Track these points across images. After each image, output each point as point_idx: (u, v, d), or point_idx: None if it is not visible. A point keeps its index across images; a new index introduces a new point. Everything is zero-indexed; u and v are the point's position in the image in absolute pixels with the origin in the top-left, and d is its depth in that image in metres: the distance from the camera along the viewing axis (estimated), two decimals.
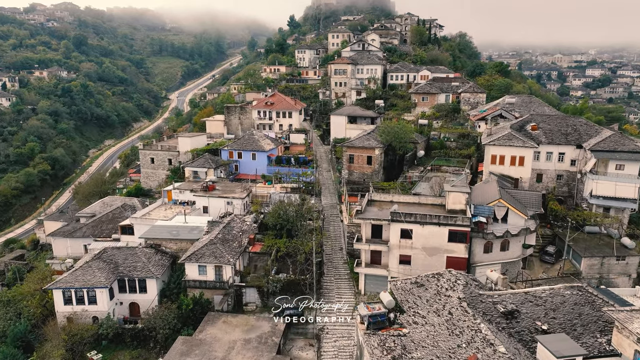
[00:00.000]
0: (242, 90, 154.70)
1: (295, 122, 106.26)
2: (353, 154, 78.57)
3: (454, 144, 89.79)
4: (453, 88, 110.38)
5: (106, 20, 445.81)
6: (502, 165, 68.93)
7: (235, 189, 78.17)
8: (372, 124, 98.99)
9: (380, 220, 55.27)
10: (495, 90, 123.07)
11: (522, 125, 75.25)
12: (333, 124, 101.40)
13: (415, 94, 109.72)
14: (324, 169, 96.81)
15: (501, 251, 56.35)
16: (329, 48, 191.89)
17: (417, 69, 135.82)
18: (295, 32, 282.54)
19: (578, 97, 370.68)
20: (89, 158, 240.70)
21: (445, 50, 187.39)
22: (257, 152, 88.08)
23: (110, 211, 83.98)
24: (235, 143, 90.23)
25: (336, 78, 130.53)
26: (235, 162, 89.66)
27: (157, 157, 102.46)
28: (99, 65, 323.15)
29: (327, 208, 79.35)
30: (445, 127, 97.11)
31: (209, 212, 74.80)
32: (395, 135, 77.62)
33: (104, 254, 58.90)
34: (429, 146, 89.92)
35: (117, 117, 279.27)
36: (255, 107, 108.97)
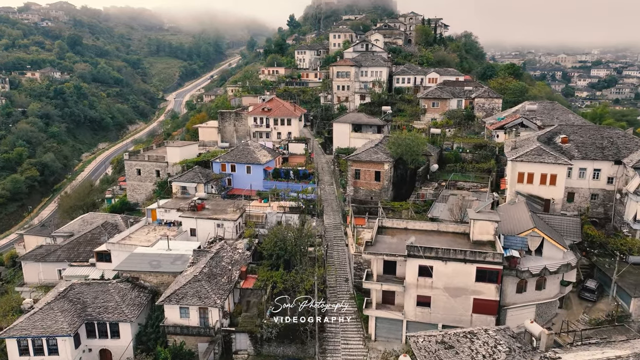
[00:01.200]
0: (238, 93, 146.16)
1: (294, 129, 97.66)
2: (359, 168, 70.03)
3: (470, 156, 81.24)
4: (466, 93, 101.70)
5: (102, 20, 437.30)
6: (530, 184, 60.37)
7: (227, 208, 69.62)
8: (378, 133, 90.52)
9: (395, 256, 46.71)
10: (509, 94, 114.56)
11: (551, 137, 66.75)
12: (336, 133, 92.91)
13: (424, 99, 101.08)
14: (326, 182, 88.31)
15: (536, 290, 47.83)
16: (330, 49, 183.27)
17: (425, 71, 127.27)
18: (295, 32, 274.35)
19: (584, 98, 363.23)
20: (81, 162, 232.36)
21: (452, 51, 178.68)
22: (252, 165, 79.52)
23: (89, 231, 75.51)
24: (228, 155, 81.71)
25: (338, 81, 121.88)
26: (228, 175, 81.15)
27: (144, 168, 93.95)
28: (94, 65, 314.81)
29: (330, 229, 70.85)
30: (459, 136, 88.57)
31: (197, 234, 66.32)
32: (406, 148, 69.07)
33: (70, 291, 50.32)
34: (441, 158, 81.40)
35: (112, 120, 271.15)
36: (251, 114, 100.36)
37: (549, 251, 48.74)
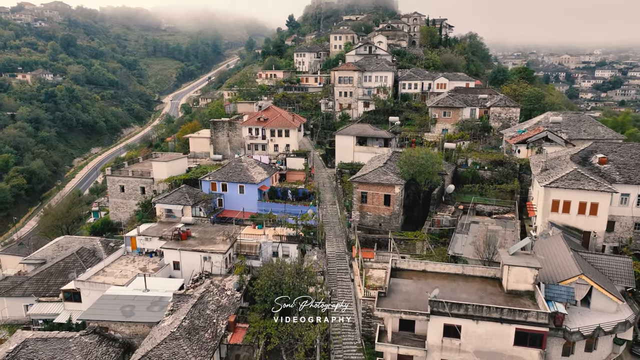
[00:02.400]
0: (234, 99, 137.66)
1: (293, 141, 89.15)
2: (366, 191, 61.61)
3: (489, 174, 72.83)
4: (480, 101, 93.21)
5: (98, 20, 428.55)
6: (566, 214, 51.97)
7: (216, 236, 61.22)
8: (385, 146, 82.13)
9: (415, 314, 38.26)
10: (523, 101, 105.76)
11: (586, 156, 58.40)
12: (338, 146, 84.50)
13: (435, 108, 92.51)
14: (328, 201, 79.81)
15: (586, 352, 39.49)
16: (330, 51, 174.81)
17: (433, 75, 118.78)
18: (294, 33, 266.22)
19: (588, 99, 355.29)
20: (72, 168, 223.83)
21: (459, 53, 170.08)
22: (245, 185, 71.02)
23: (63, 259, 67.26)
24: (219, 172, 73.20)
25: (340, 87, 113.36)
26: (218, 196, 72.65)
27: (127, 184, 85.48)
28: (88, 67, 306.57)
29: (332, 258, 62.33)
30: (474, 150, 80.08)
31: (181, 268, 57.96)
32: (420, 168, 60.62)
33: (23, 350, 41.88)
34: (457, 176, 72.99)
35: (105, 123, 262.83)
36: (246, 124, 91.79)
37: (599, 302, 40.41)
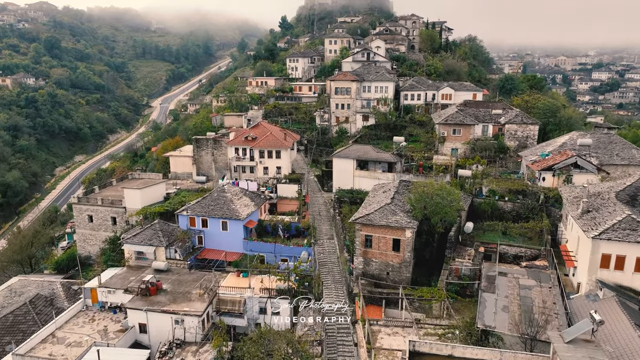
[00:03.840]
0: (221, 109, 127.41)
1: (285, 163, 79.14)
2: (371, 234, 51.78)
3: (509, 205, 63.24)
4: (493, 117, 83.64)
5: (85, 21, 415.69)
6: (619, 272, 42.47)
7: (192, 289, 51.18)
8: (389, 171, 72.38)
9: None
10: (537, 114, 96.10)
11: (634, 194, 48.93)
12: (337, 170, 74.67)
13: (444, 126, 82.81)
14: (324, 233, 70.03)
15: None
16: (325, 55, 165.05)
17: (437, 85, 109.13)
18: (287, 34, 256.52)
19: (586, 102, 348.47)
20: (54, 178, 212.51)
21: (461, 58, 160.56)
22: (229, 221, 60.93)
23: (12, 312, 57.16)
24: (199, 205, 63.06)
25: (337, 99, 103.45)
26: (198, 232, 62.58)
27: (96, 214, 75.13)
28: (73, 70, 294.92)
29: (331, 312, 52.54)
30: (490, 174, 70.36)
31: (149, 333, 47.92)
32: (435, 208, 50.89)
33: None
34: (473, 208, 63.32)
35: (90, 129, 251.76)
36: (232, 143, 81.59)
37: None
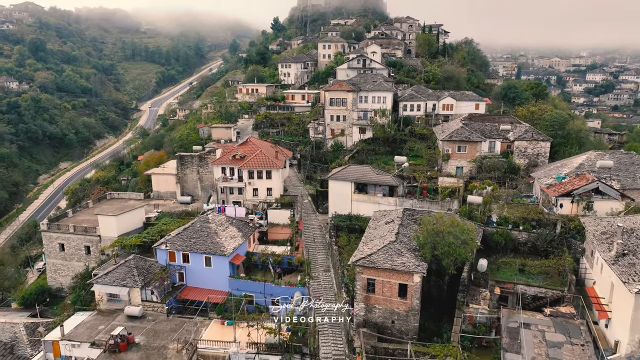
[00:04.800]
0: (209, 118, 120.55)
1: (276, 185, 72.57)
2: (374, 278, 45.41)
3: (524, 236, 57.13)
4: (501, 133, 77.60)
5: (73, 22, 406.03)
6: None
7: (169, 341, 44.59)
8: (390, 195, 66.05)
9: None
10: (543, 126, 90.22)
11: None
12: (333, 193, 68.20)
13: (448, 143, 76.62)
14: (320, 264, 63.49)
15: None
16: (319, 60, 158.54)
17: (438, 95, 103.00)
18: (279, 36, 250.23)
19: (581, 104, 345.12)
20: (37, 187, 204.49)
21: (459, 63, 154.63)
22: (213, 256, 54.37)
23: None
24: (179, 237, 56.38)
25: (332, 110, 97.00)
26: (179, 268, 55.96)
27: (68, 242, 68.26)
28: (59, 73, 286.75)
29: None
30: (500, 198, 64.14)
31: None
32: (448, 248, 44.60)
33: None
34: (484, 239, 57.12)
35: (76, 135, 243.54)
36: (219, 162, 74.82)
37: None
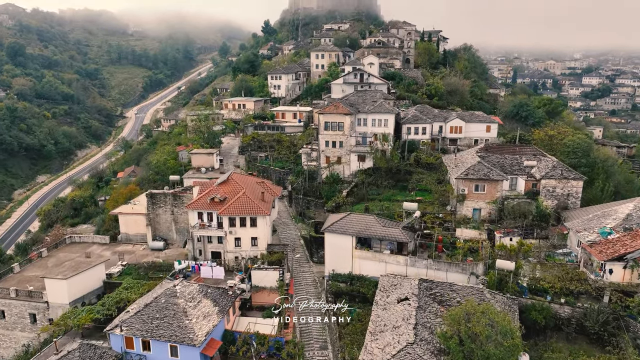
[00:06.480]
0: (190, 140, 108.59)
1: (262, 234, 61.09)
2: None
3: (568, 311, 46.22)
4: (525, 169, 66.64)
5: (56, 25, 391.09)
6: None
7: None
8: (398, 252, 54.80)
9: None
10: (564, 152, 79.16)
11: None
12: (330, 246, 56.85)
13: (463, 181, 65.55)
14: (314, 338, 52.25)
15: None
16: (311, 71, 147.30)
17: (445, 116, 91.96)
18: (271, 39, 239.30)
19: (578, 108, 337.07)
20: (11, 203, 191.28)
21: (462, 75, 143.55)
22: (180, 346, 42.88)
23: None
24: (138, 318, 44.87)
25: (327, 135, 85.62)
26: (137, 358, 44.42)
27: (9, 309, 56.42)
28: (39, 79, 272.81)
29: None
30: (528, 254, 53.15)
31: None
32: (485, 355, 33.61)
33: None
34: (521, 318, 46.09)
35: (55, 146, 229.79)
36: (195, 206, 63.25)
37: None
